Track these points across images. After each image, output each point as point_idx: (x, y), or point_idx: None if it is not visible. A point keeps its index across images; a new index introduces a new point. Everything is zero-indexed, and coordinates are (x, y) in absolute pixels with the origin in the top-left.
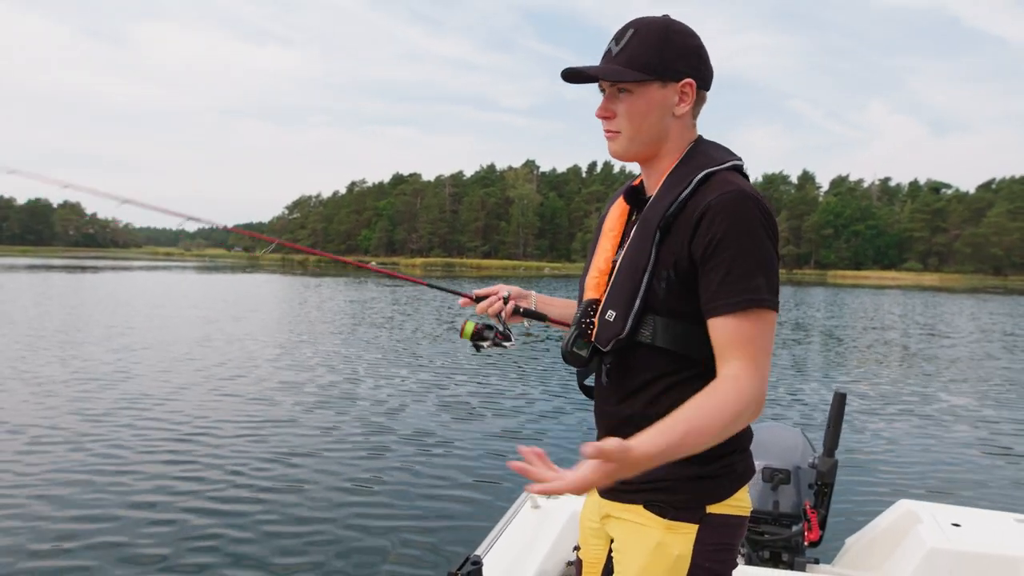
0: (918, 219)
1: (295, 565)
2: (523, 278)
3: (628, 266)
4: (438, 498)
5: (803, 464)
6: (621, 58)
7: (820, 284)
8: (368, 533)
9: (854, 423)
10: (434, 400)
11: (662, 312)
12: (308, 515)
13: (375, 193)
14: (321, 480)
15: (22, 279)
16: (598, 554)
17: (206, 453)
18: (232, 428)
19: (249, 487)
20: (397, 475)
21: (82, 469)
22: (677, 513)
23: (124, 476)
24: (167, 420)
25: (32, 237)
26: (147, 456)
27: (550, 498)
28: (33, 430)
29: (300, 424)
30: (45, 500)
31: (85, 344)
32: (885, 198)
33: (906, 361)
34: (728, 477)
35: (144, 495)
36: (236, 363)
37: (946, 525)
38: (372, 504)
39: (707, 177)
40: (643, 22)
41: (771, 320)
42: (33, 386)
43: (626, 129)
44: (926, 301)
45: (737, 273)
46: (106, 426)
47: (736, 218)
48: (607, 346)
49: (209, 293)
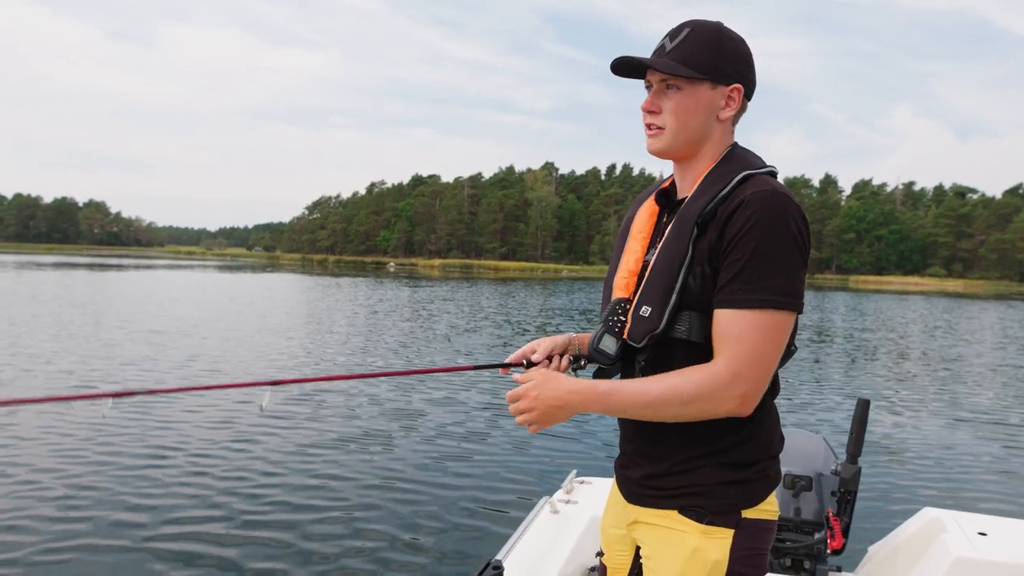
0: (943, 224)
1: (316, 569)
2: (541, 280)
3: (664, 262)
4: (459, 503)
5: (825, 471)
6: (675, 54)
7: (842, 289)
8: (389, 538)
9: (878, 430)
10: (454, 404)
11: (697, 308)
12: (327, 518)
13: (394, 194)
14: (340, 484)
15: (54, 277)
16: (623, 560)
17: (221, 450)
18: (250, 428)
19: (263, 489)
20: (418, 480)
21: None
22: (713, 518)
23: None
24: (191, 418)
25: (58, 235)
26: (166, 453)
27: (569, 503)
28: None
29: (320, 426)
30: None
31: (108, 342)
32: (909, 203)
33: (930, 368)
34: (761, 482)
35: (153, 492)
36: (255, 357)
37: (972, 534)
38: (393, 509)
39: (746, 178)
40: (699, 23)
41: (778, 323)
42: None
43: (671, 126)
44: (950, 307)
45: (752, 269)
46: (138, 421)
47: (767, 215)
48: (641, 342)
49: (251, 292)
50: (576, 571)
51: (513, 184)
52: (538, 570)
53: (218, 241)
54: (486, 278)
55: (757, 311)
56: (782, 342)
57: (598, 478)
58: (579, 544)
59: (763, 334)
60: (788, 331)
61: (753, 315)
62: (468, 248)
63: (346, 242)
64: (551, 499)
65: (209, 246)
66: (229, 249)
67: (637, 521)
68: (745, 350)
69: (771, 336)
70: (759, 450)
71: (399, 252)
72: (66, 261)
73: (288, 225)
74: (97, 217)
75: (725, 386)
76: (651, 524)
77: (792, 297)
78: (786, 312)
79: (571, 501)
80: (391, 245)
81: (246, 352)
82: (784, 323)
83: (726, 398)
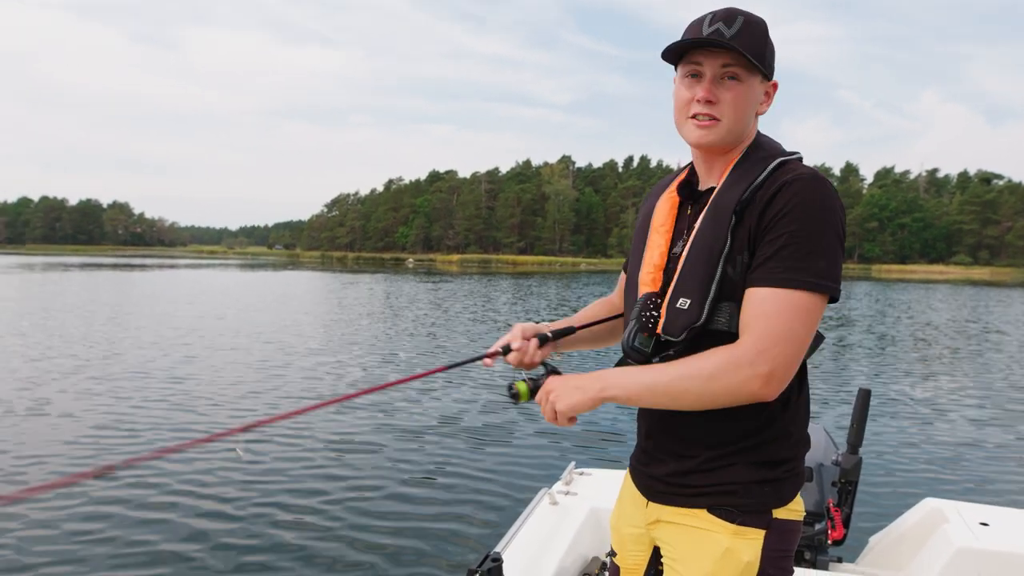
0: (968, 211)
1: (316, 561)
2: (559, 274)
3: (700, 253)
4: (458, 495)
5: (826, 461)
6: (740, 41)
7: (864, 279)
8: (389, 530)
9: (880, 420)
10: (455, 397)
11: (735, 298)
12: (328, 511)
13: (412, 190)
14: (341, 477)
15: (80, 278)
16: (638, 561)
17: (230, 446)
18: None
19: (266, 483)
20: (417, 472)
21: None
22: (745, 518)
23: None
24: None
25: (84, 237)
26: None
27: (568, 495)
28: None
29: (319, 422)
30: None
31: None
32: (932, 190)
33: (939, 358)
34: (792, 480)
35: (163, 489)
36: (271, 354)
37: (974, 524)
38: (393, 501)
39: (781, 164)
40: (746, 13)
41: (814, 304)
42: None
43: (729, 117)
44: (975, 296)
45: (794, 248)
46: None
47: (809, 198)
48: (680, 335)
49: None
50: (575, 562)
51: (530, 178)
52: (537, 562)
53: (239, 240)
54: (504, 272)
55: (795, 291)
56: (814, 325)
57: (597, 469)
58: (578, 535)
59: (796, 313)
60: (820, 316)
61: (790, 294)
62: (486, 243)
63: (365, 239)
64: (550, 491)
65: (230, 245)
66: (250, 248)
67: (659, 520)
68: (775, 327)
69: (804, 317)
70: (791, 447)
71: (417, 248)
72: (94, 262)
73: (307, 223)
74: (121, 218)
75: (750, 362)
76: (676, 524)
77: (832, 281)
78: (822, 296)
79: (570, 493)
80: (409, 241)
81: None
82: (819, 306)
83: (750, 376)
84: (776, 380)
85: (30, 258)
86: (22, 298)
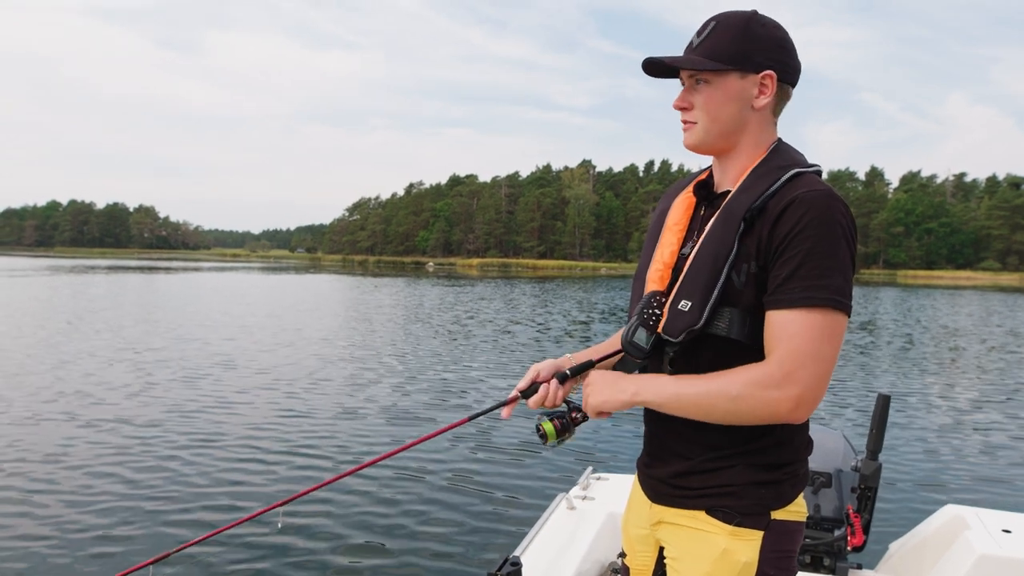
0: (996, 216)
1: (337, 565)
2: (579, 278)
3: (706, 256)
4: (476, 500)
5: (845, 467)
6: (701, 49)
7: (889, 284)
8: (409, 534)
9: (900, 425)
10: (474, 399)
11: (738, 305)
12: (347, 514)
13: (432, 194)
14: (360, 480)
15: (108, 281)
16: (645, 561)
17: (237, 445)
18: (251, 423)
19: (280, 482)
20: (436, 478)
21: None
22: (743, 519)
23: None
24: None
25: (111, 240)
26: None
27: (586, 499)
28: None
29: (339, 422)
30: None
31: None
32: (960, 194)
33: (961, 363)
34: (791, 482)
35: (173, 484)
36: (291, 356)
37: (996, 531)
38: (412, 506)
39: (796, 175)
40: (726, 15)
41: (835, 323)
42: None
43: (702, 120)
44: (1002, 301)
45: (809, 268)
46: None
47: (821, 215)
48: (678, 336)
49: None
50: (593, 567)
51: (550, 183)
52: (556, 566)
53: (262, 243)
54: (524, 277)
55: (816, 310)
56: (839, 344)
57: (614, 474)
58: (596, 540)
59: (821, 332)
60: (843, 333)
61: (812, 314)
62: (506, 247)
63: (386, 243)
64: (568, 495)
65: (253, 248)
66: (272, 251)
67: (662, 521)
68: (801, 347)
69: (830, 336)
70: (793, 451)
71: (437, 252)
72: (122, 264)
73: (329, 227)
74: (147, 221)
75: (777, 384)
76: (677, 525)
77: (848, 299)
78: (842, 314)
79: (588, 497)
80: (430, 245)
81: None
82: (841, 325)
83: (779, 399)
84: (806, 403)
85: (59, 260)
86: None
